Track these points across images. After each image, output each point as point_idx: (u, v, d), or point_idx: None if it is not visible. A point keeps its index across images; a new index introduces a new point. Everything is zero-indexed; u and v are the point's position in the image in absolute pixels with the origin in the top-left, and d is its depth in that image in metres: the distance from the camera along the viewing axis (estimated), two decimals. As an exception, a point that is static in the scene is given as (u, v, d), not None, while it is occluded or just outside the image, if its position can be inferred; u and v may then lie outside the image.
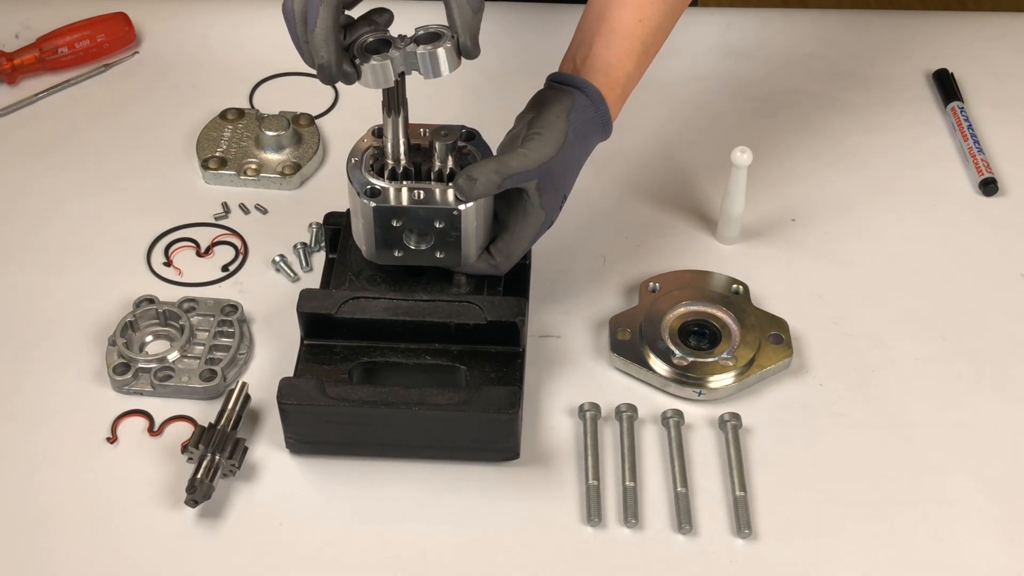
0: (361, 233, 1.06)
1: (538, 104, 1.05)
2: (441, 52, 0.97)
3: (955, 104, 1.33)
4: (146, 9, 1.43)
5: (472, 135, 1.07)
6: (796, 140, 1.31)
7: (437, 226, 1.04)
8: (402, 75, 1.00)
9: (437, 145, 1.04)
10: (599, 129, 1.06)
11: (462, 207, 1.02)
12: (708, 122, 1.33)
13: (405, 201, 1.03)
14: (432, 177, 1.05)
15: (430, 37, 0.98)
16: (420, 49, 0.97)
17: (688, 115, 1.34)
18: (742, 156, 1.14)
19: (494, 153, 1.05)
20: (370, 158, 1.05)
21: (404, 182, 1.04)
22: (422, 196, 1.03)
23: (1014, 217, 1.24)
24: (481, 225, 1.05)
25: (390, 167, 1.04)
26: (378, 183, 1.04)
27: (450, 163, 1.05)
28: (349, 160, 1.06)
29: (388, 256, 1.06)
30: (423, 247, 1.05)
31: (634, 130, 1.31)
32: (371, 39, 0.97)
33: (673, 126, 1.33)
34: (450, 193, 1.03)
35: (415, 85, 1.37)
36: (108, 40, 1.38)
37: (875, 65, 1.40)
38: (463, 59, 0.98)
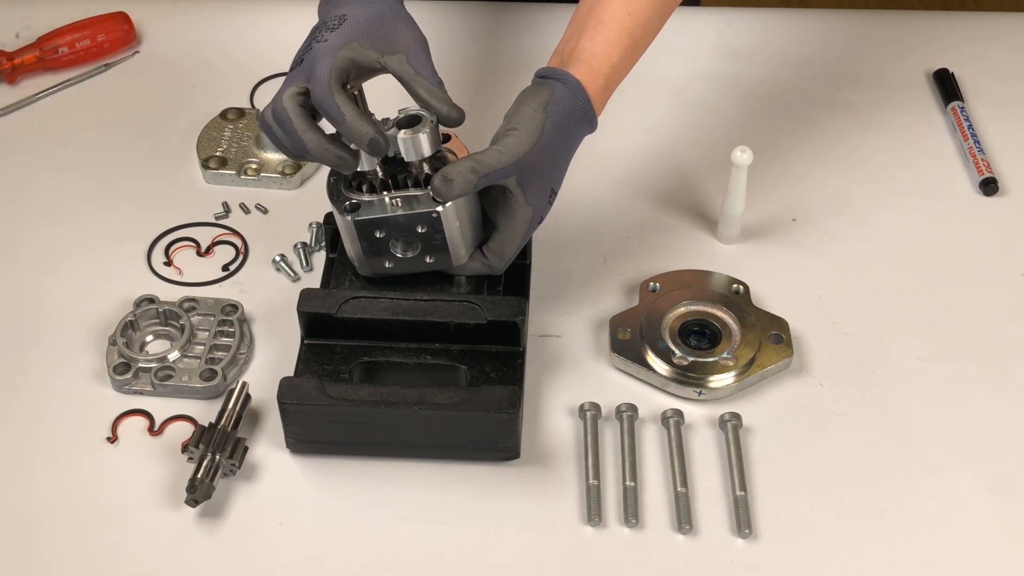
0: (349, 249, 1.07)
1: (518, 100, 1.05)
2: (422, 138, 1.02)
3: (955, 104, 1.33)
4: (146, 9, 1.43)
5: (447, 138, 1.07)
6: (796, 140, 1.31)
7: (420, 231, 1.04)
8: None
9: (403, 134, 1.04)
10: (582, 120, 1.05)
11: (440, 209, 1.03)
12: (708, 122, 1.33)
13: (384, 211, 1.04)
14: (410, 184, 1.05)
15: (410, 121, 1.03)
16: (401, 134, 1.02)
17: (688, 115, 1.34)
18: (742, 156, 1.14)
19: (470, 153, 1.05)
20: (350, 174, 1.06)
21: (381, 192, 1.05)
22: (400, 203, 1.04)
23: (1014, 217, 1.24)
24: (465, 224, 1.05)
25: (368, 181, 1.05)
26: (355, 197, 1.04)
27: (426, 168, 1.05)
28: (328, 179, 1.06)
29: (379, 267, 1.07)
30: (410, 254, 1.06)
31: (634, 130, 1.31)
32: None
33: (673, 126, 1.33)
34: (429, 197, 1.03)
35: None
36: (108, 40, 1.39)
37: (875, 65, 1.40)
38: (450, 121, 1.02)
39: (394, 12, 1.06)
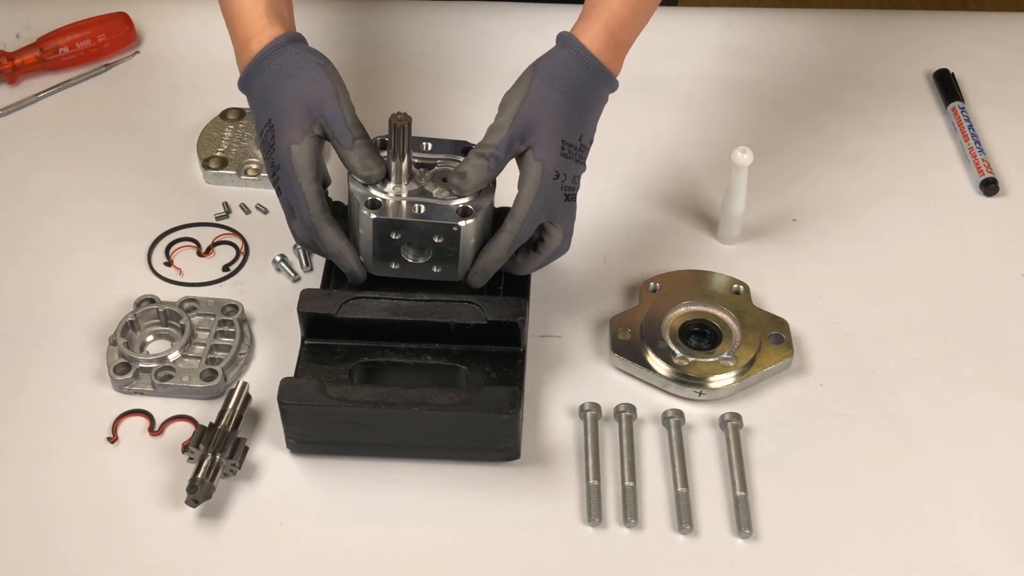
0: (360, 244, 1.07)
1: None
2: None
3: (956, 104, 1.33)
4: (146, 9, 1.43)
5: (469, 148, 1.07)
6: (796, 140, 1.31)
7: (436, 241, 1.04)
8: (408, 124, 1.01)
9: (437, 191, 1.05)
10: (582, 67, 1.04)
11: (462, 223, 1.03)
12: (708, 122, 1.33)
13: (405, 215, 1.04)
14: (429, 180, 1.06)
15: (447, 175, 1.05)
16: (436, 193, 1.05)
17: (688, 115, 1.34)
18: (743, 156, 1.14)
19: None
20: None
21: (406, 195, 1.05)
22: (423, 210, 1.04)
23: (1014, 217, 1.24)
24: (479, 243, 1.06)
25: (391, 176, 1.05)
26: (379, 195, 1.04)
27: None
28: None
29: (385, 268, 1.07)
30: (420, 261, 1.06)
31: (634, 130, 1.31)
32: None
33: (673, 126, 1.33)
34: (451, 209, 1.03)
35: (415, 84, 1.37)
36: (109, 40, 1.39)
37: (875, 65, 1.40)
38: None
39: (302, 77, 1.05)
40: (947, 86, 1.36)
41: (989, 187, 1.26)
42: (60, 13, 1.40)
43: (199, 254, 1.21)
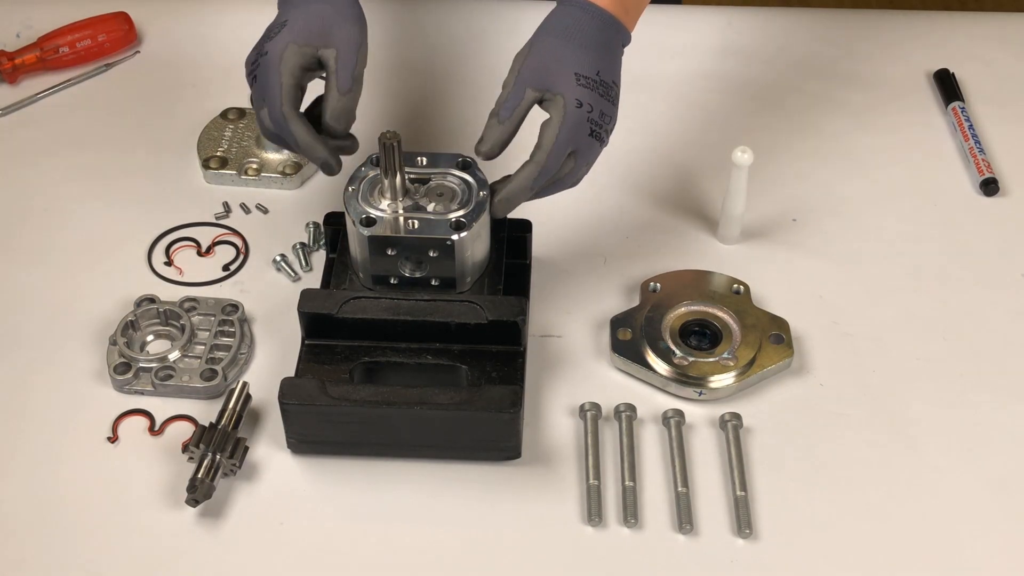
0: (358, 259, 1.07)
1: None
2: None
3: (956, 104, 1.33)
4: (147, 9, 1.43)
5: (468, 164, 1.08)
6: (796, 140, 1.31)
7: (432, 255, 1.05)
8: (398, 142, 1.02)
9: (432, 207, 1.05)
10: (585, 16, 1.05)
11: (455, 236, 1.03)
12: (709, 122, 1.33)
13: (398, 230, 1.05)
14: (426, 192, 1.07)
15: (441, 190, 1.07)
16: (431, 208, 1.06)
17: (688, 115, 1.34)
18: (743, 156, 1.14)
19: (489, 182, 1.07)
20: (368, 185, 1.07)
21: (400, 211, 1.05)
22: (416, 226, 1.04)
23: (1014, 217, 1.24)
24: (477, 253, 1.06)
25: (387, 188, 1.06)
26: (373, 212, 1.05)
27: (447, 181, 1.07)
28: (346, 189, 1.07)
29: (383, 282, 1.07)
30: (418, 275, 1.06)
31: (634, 130, 1.31)
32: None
33: (673, 126, 1.33)
34: (445, 223, 1.04)
35: (416, 84, 1.38)
36: (109, 40, 1.39)
37: (875, 65, 1.40)
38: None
39: (336, 10, 1.07)
40: (947, 86, 1.36)
41: (989, 187, 1.26)
42: (60, 13, 1.40)
43: (199, 254, 1.21)
